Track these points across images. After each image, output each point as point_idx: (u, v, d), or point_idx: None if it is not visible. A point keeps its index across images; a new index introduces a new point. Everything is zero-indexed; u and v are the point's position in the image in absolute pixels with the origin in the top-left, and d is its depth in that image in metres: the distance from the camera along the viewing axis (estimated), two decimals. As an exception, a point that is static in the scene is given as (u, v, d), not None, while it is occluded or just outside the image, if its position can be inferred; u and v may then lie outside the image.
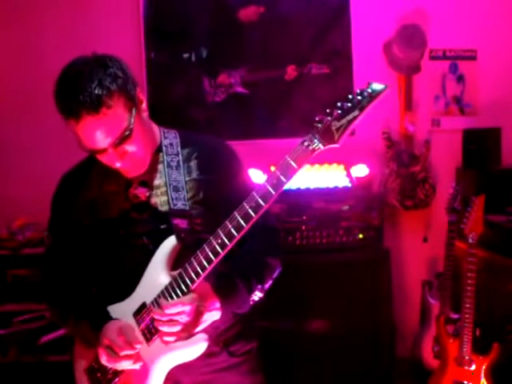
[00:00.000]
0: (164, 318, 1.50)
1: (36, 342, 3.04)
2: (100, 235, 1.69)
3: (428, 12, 3.71)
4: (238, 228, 1.43)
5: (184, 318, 1.50)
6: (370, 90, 1.35)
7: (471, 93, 3.77)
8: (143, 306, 1.59)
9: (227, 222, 1.44)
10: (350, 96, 1.35)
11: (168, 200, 1.65)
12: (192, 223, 1.62)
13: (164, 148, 1.70)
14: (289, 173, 1.40)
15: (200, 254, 1.48)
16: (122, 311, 1.63)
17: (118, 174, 1.67)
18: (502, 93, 3.75)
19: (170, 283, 1.53)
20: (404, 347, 3.52)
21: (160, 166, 1.69)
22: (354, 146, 3.69)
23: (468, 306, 2.66)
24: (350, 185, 3.39)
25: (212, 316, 1.56)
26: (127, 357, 1.55)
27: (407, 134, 3.68)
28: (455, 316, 2.99)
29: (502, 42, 3.74)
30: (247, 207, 1.42)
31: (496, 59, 3.74)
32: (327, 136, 1.38)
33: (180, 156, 1.70)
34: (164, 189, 1.67)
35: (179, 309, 1.49)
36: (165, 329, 1.51)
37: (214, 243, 1.46)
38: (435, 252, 3.61)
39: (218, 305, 1.55)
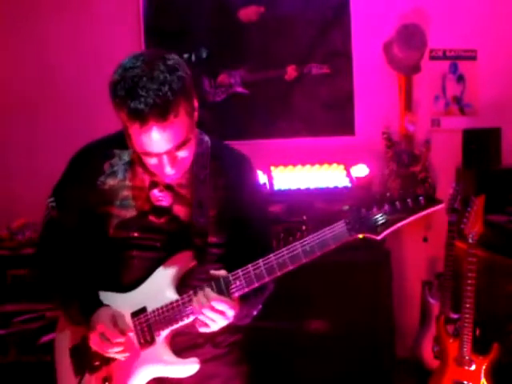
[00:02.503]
0: (208, 312, 1.48)
1: (36, 341, 3.04)
2: (111, 228, 1.63)
3: (428, 12, 3.71)
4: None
5: (219, 319, 1.49)
6: (425, 201, 1.41)
7: (471, 93, 3.77)
8: (143, 309, 1.59)
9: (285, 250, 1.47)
10: (404, 197, 1.40)
11: (191, 214, 1.61)
12: (210, 243, 1.61)
13: (195, 157, 1.62)
14: (324, 248, 1.46)
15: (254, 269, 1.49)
16: (117, 302, 1.61)
17: (144, 169, 1.60)
18: (502, 93, 3.75)
19: (213, 282, 1.50)
20: (404, 347, 3.52)
21: (188, 175, 1.63)
22: (354, 146, 3.71)
23: (468, 306, 2.66)
24: (349, 185, 3.39)
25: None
26: (119, 344, 1.54)
27: (407, 134, 3.68)
28: (455, 316, 2.99)
29: (501, 42, 3.74)
30: (286, 255, 1.47)
31: (496, 59, 3.74)
32: (370, 226, 1.42)
33: (208, 169, 1.64)
34: (188, 200, 1.63)
35: (224, 308, 1.48)
36: (201, 317, 1.50)
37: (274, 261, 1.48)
38: (435, 252, 3.61)
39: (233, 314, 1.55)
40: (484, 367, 2.67)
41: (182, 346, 1.63)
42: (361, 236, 1.45)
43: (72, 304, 1.64)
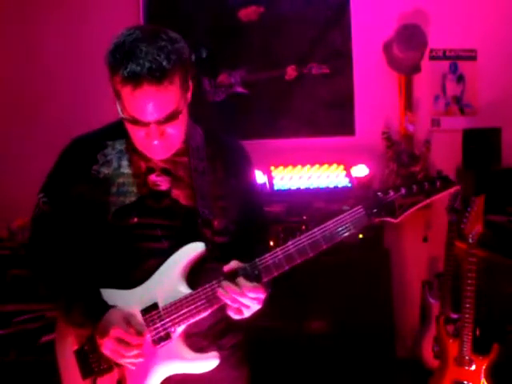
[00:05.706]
0: (244, 300, 1.47)
1: (36, 341, 3.04)
2: (109, 217, 1.58)
3: (428, 12, 3.71)
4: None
5: (254, 305, 1.49)
6: (441, 183, 1.45)
7: (471, 93, 3.77)
8: (154, 306, 1.54)
9: (306, 236, 1.53)
10: (419, 180, 1.45)
11: (194, 203, 1.60)
12: (215, 233, 1.60)
13: (191, 151, 1.64)
14: (344, 233, 1.47)
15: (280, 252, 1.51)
16: (123, 300, 1.56)
17: (138, 156, 1.60)
18: (502, 93, 3.75)
19: (242, 269, 1.49)
20: (404, 347, 3.52)
21: (184, 161, 1.63)
22: (353, 146, 3.71)
23: (468, 306, 2.66)
24: (349, 185, 3.39)
25: None
26: (138, 346, 1.49)
27: (407, 134, 3.68)
28: (455, 316, 2.99)
29: (501, 42, 3.74)
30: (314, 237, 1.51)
31: (496, 59, 3.74)
32: (388, 209, 1.46)
33: (206, 161, 1.65)
34: (186, 183, 1.62)
35: (257, 294, 1.47)
36: (236, 305, 1.49)
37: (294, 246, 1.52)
38: (435, 252, 3.61)
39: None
40: (484, 367, 2.67)
41: None
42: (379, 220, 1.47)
43: (73, 306, 1.56)
